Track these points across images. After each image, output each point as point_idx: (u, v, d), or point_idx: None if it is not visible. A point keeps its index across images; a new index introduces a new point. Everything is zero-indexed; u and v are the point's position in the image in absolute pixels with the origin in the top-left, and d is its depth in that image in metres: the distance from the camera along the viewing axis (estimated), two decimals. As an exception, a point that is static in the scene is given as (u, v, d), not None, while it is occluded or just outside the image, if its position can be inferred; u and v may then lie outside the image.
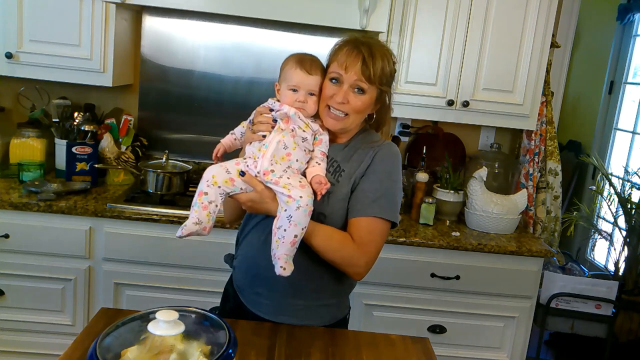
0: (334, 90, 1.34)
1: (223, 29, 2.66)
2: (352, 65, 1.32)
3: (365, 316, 2.33)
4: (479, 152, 2.83)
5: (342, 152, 1.42)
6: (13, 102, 2.64)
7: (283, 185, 1.28)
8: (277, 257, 1.29)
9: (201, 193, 1.30)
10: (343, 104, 1.34)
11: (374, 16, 2.22)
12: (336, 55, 1.36)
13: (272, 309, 1.44)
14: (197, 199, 1.30)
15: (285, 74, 1.37)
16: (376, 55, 1.33)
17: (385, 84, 1.37)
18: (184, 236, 1.28)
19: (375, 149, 1.41)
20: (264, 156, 1.30)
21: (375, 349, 1.37)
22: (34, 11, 2.30)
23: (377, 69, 1.32)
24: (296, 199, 1.25)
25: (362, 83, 1.33)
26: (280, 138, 1.31)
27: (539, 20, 2.41)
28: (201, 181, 1.32)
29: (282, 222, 1.27)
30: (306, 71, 1.34)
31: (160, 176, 2.34)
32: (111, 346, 0.99)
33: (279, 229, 1.27)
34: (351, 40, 1.36)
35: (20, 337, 2.27)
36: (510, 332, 2.39)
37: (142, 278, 2.24)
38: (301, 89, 1.34)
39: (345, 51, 1.34)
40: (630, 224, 2.93)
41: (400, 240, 2.25)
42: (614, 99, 3.89)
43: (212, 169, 1.32)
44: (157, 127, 2.75)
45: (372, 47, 1.33)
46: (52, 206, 2.15)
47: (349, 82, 1.33)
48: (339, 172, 1.40)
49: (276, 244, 1.29)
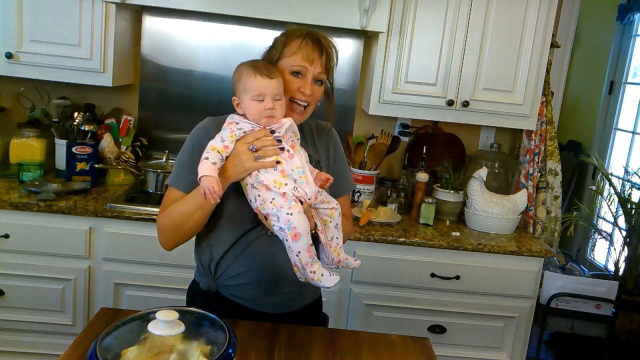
0: (298, 83, 1.35)
1: (223, 29, 2.66)
2: (317, 58, 1.35)
3: (365, 316, 2.33)
4: (479, 152, 2.83)
5: (307, 143, 1.46)
6: (13, 102, 2.64)
7: (325, 200, 1.33)
8: (344, 260, 1.36)
9: (309, 247, 1.25)
10: (310, 96, 1.36)
11: (374, 16, 2.22)
12: (298, 49, 1.34)
13: (294, 301, 1.47)
14: (310, 254, 1.25)
15: (243, 85, 1.30)
16: (332, 49, 1.40)
17: (331, 76, 1.45)
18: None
19: (327, 134, 1.53)
20: (307, 182, 1.27)
21: (375, 349, 1.37)
22: (34, 11, 2.30)
23: (332, 61, 1.40)
24: (337, 208, 1.34)
25: (322, 75, 1.37)
26: (305, 156, 1.32)
27: (539, 20, 2.41)
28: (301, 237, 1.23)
29: (333, 233, 1.35)
30: (267, 76, 1.28)
31: (160, 176, 2.34)
32: (111, 346, 0.99)
33: (332, 240, 1.35)
34: (307, 33, 1.38)
35: (20, 337, 2.27)
36: (510, 332, 2.39)
37: (142, 278, 2.24)
38: (266, 95, 1.28)
39: (309, 45, 1.35)
40: (630, 224, 2.93)
41: (400, 240, 2.25)
42: (614, 99, 3.89)
43: (300, 219, 1.23)
44: (157, 127, 2.75)
45: (327, 40, 1.39)
46: (52, 206, 2.15)
47: (312, 74, 1.36)
48: (319, 165, 1.46)
49: (335, 253, 1.35)
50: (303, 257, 1.24)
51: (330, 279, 1.27)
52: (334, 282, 1.28)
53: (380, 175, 2.73)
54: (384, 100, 2.45)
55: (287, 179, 1.26)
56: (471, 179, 2.48)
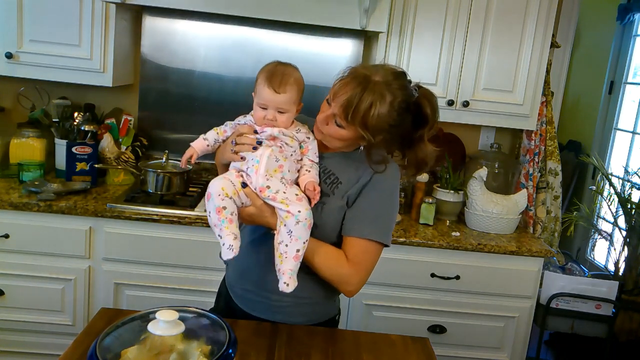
0: (323, 111, 1.33)
1: (223, 29, 2.66)
2: (338, 97, 1.26)
3: (365, 316, 2.33)
4: (479, 152, 2.83)
5: (341, 163, 1.40)
6: (13, 102, 2.64)
7: (280, 200, 1.26)
8: (281, 272, 1.27)
9: (220, 209, 1.24)
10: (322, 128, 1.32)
11: (374, 16, 2.22)
12: (337, 80, 1.29)
13: (259, 306, 1.45)
14: (219, 216, 1.23)
15: (257, 88, 1.32)
16: (366, 97, 1.23)
17: (373, 130, 1.25)
18: (234, 256, 1.23)
19: (372, 170, 1.36)
20: (257, 172, 1.27)
21: (375, 349, 1.37)
22: (34, 11, 2.30)
23: (361, 111, 1.23)
24: (295, 213, 1.25)
25: (339, 119, 1.28)
26: (270, 152, 1.28)
27: (539, 20, 2.41)
28: (211, 199, 1.25)
29: (283, 237, 1.26)
30: (274, 90, 1.27)
31: (160, 176, 2.33)
32: (111, 346, 0.99)
33: (280, 244, 1.27)
34: (358, 73, 1.27)
35: (20, 337, 2.27)
36: (510, 332, 2.39)
37: (142, 278, 2.24)
38: (270, 107, 1.30)
39: (342, 81, 1.27)
40: (630, 224, 2.93)
41: (400, 240, 2.25)
42: (614, 99, 3.89)
43: (217, 182, 1.26)
44: (157, 127, 2.75)
45: (370, 86, 1.23)
46: (52, 206, 2.15)
47: (332, 112, 1.29)
48: (335, 184, 1.38)
49: (279, 260, 1.27)
50: (212, 218, 1.25)
51: (225, 251, 1.23)
52: (226, 256, 1.22)
53: (380, 175, 2.72)
54: (384, 100, 2.44)
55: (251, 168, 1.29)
56: (471, 179, 2.48)
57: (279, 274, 1.27)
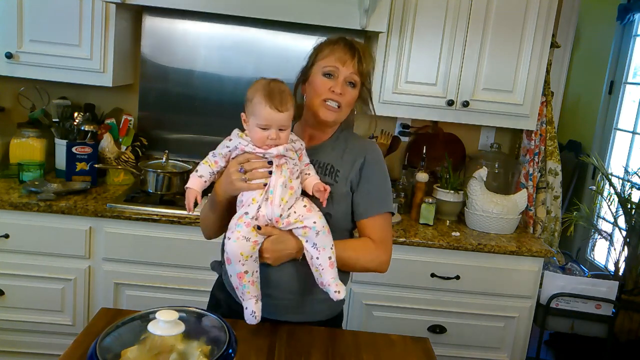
0: (330, 84, 1.37)
1: (223, 29, 2.66)
2: (349, 60, 1.37)
3: (365, 316, 2.33)
4: (479, 152, 2.83)
5: (331, 153, 1.45)
6: (13, 102, 2.64)
7: (295, 220, 1.29)
8: (327, 285, 1.31)
9: (241, 275, 1.27)
10: (341, 95, 1.37)
11: (374, 16, 2.22)
12: (331, 52, 1.39)
13: (277, 308, 1.43)
14: (242, 281, 1.28)
15: (254, 109, 1.29)
16: (367, 54, 1.42)
17: (369, 82, 1.46)
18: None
19: (364, 151, 1.46)
20: (272, 203, 1.27)
21: (375, 349, 1.37)
22: (34, 11, 2.30)
23: (368, 66, 1.41)
24: (311, 226, 1.29)
25: (355, 76, 1.38)
26: (283, 179, 1.28)
27: (539, 21, 2.41)
28: (232, 264, 1.27)
29: (312, 253, 1.31)
30: (276, 109, 1.27)
31: (160, 176, 2.33)
32: (111, 346, 0.99)
33: (312, 260, 1.31)
34: (340, 37, 1.42)
35: (20, 337, 2.27)
36: (510, 332, 2.39)
37: (142, 278, 2.24)
38: (272, 127, 1.28)
39: (341, 47, 1.39)
40: (630, 224, 2.93)
41: (400, 240, 2.25)
42: (614, 99, 3.89)
43: (233, 246, 1.26)
44: (157, 127, 2.75)
45: (363, 47, 1.42)
46: (52, 206, 2.15)
47: (344, 75, 1.37)
48: (334, 172, 1.42)
49: (319, 274, 1.32)
50: (233, 281, 1.30)
51: (248, 317, 1.31)
52: (249, 322, 1.31)
53: (380, 175, 2.72)
54: (384, 100, 2.45)
55: (263, 199, 1.28)
56: (471, 179, 2.48)
57: (324, 287, 1.32)
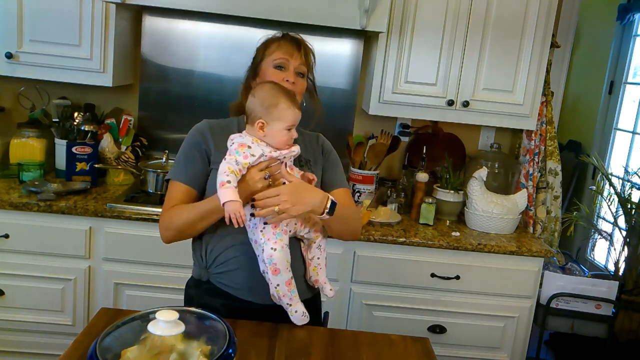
0: (282, 75, 1.44)
1: (223, 29, 2.66)
2: (295, 52, 1.47)
3: (365, 316, 2.32)
4: (479, 152, 2.83)
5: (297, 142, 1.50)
6: (13, 102, 2.64)
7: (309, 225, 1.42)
8: (322, 283, 1.45)
9: (289, 281, 1.36)
10: (294, 84, 1.44)
11: (374, 16, 2.22)
12: (278, 46, 1.48)
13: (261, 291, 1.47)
14: (289, 287, 1.37)
15: (281, 114, 1.33)
16: (308, 48, 1.53)
17: (312, 75, 1.57)
18: None
19: (316, 137, 1.60)
20: None
21: (375, 349, 1.37)
22: (34, 11, 2.30)
23: (310, 58, 1.53)
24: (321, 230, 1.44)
25: (303, 67, 1.48)
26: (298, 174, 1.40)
27: (539, 20, 2.41)
28: (280, 274, 1.34)
29: (315, 253, 1.44)
30: (297, 108, 1.38)
31: (160, 176, 2.33)
32: (111, 346, 0.99)
33: (312, 260, 1.44)
34: (287, 34, 1.53)
35: (20, 337, 2.27)
36: (510, 332, 2.39)
37: (142, 278, 2.24)
38: (295, 126, 1.38)
39: (288, 41, 1.49)
40: (630, 224, 2.93)
41: (400, 240, 2.25)
42: (614, 99, 3.89)
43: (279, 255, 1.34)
44: (157, 127, 2.75)
45: (303, 39, 1.53)
46: (52, 206, 2.15)
47: (294, 66, 1.46)
48: (309, 163, 1.52)
49: (315, 272, 1.45)
50: (281, 290, 1.36)
51: (300, 318, 1.39)
52: (302, 322, 1.39)
53: (380, 175, 2.73)
54: (384, 100, 2.45)
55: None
56: (471, 179, 2.48)
57: (318, 284, 1.46)
